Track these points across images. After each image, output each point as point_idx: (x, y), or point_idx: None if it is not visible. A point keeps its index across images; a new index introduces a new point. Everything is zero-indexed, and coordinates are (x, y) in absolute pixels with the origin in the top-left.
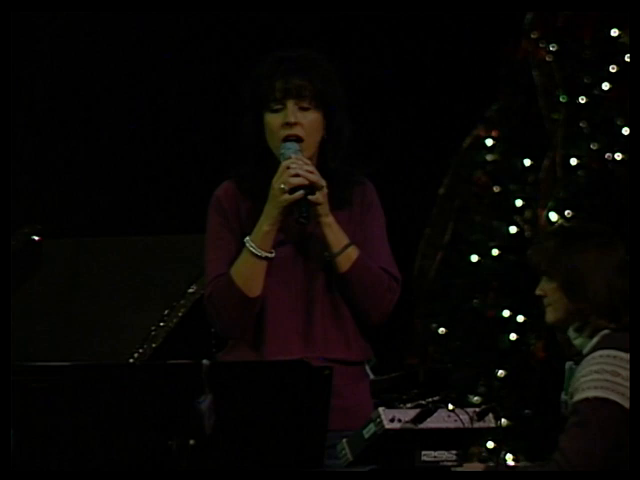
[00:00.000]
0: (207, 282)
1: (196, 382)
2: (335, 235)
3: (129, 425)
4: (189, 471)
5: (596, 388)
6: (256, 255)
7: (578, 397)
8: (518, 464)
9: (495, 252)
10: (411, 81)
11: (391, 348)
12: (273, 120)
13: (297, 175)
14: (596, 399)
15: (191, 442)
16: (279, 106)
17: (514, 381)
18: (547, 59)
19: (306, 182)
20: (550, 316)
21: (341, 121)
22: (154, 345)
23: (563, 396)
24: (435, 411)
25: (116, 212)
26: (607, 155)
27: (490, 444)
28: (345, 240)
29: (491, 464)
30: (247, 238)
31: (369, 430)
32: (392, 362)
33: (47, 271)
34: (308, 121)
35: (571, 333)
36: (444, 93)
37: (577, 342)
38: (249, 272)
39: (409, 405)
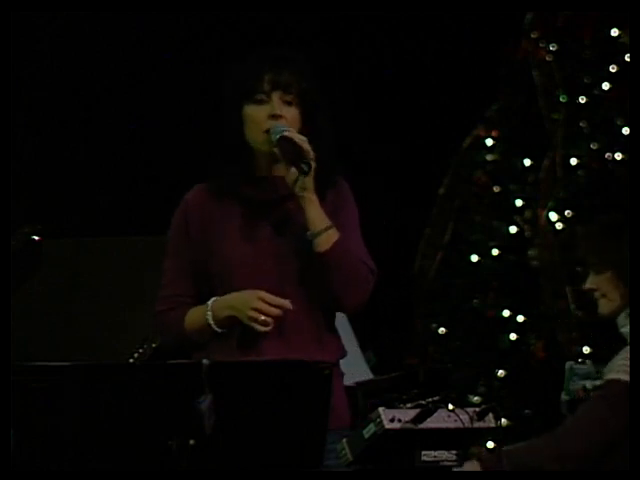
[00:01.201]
0: (160, 296)
1: (196, 382)
2: (318, 214)
3: (129, 425)
4: (189, 471)
5: (627, 373)
6: (211, 325)
7: (609, 376)
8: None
9: (495, 252)
10: (411, 81)
11: (391, 348)
12: (257, 112)
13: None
14: (627, 383)
15: (191, 442)
16: (264, 98)
17: (514, 381)
18: (547, 59)
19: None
20: (605, 308)
21: (321, 124)
22: (154, 345)
23: (563, 396)
24: (435, 411)
25: (116, 212)
26: (607, 155)
27: (490, 444)
28: (327, 221)
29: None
30: (210, 302)
31: (369, 430)
32: (392, 362)
33: (47, 271)
34: (291, 116)
35: (622, 320)
36: (444, 93)
37: (625, 330)
38: (200, 330)
39: (409, 405)
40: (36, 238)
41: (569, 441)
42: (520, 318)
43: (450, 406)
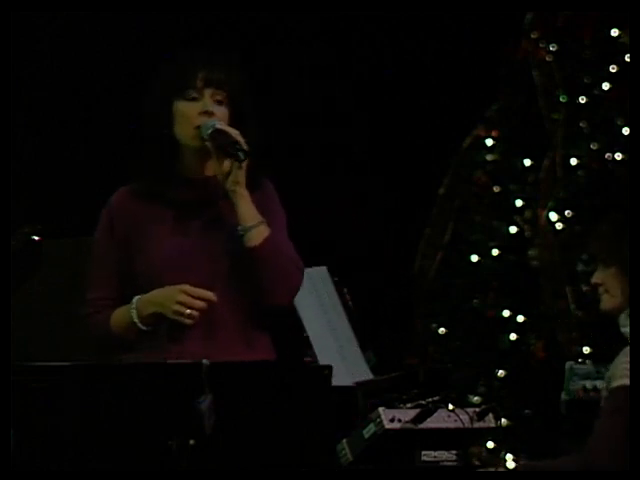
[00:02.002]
0: (86, 299)
1: (196, 382)
2: (249, 209)
3: (129, 425)
4: (189, 471)
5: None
6: (136, 324)
7: (616, 383)
8: (546, 461)
9: (495, 252)
10: (411, 81)
11: (391, 348)
12: (188, 108)
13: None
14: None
15: (191, 442)
16: (196, 95)
17: (514, 381)
18: (547, 59)
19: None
20: (607, 303)
21: (249, 125)
22: None
23: (563, 396)
24: (435, 411)
25: None
26: (607, 155)
27: (490, 444)
28: (259, 217)
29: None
30: (134, 301)
31: (369, 430)
32: (392, 362)
33: (47, 271)
34: (221, 114)
35: (623, 320)
36: (444, 93)
37: (625, 330)
38: (126, 329)
39: (409, 405)
40: (36, 238)
41: (601, 459)
42: (520, 318)
43: (450, 406)
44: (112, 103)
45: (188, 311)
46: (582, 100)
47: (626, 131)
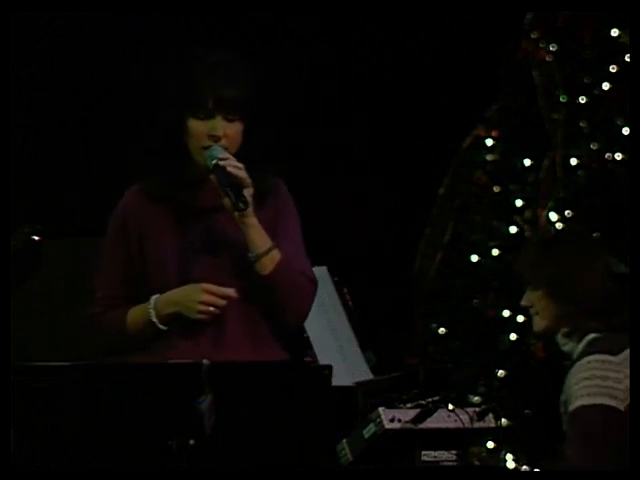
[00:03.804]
0: (95, 297)
1: (196, 382)
2: (260, 236)
3: (129, 425)
4: (189, 471)
5: (589, 395)
6: (154, 323)
7: (573, 405)
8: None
9: (495, 252)
10: (411, 81)
11: (391, 348)
12: (198, 127)
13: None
14: (592, 406)
15: (191, 442)
16: (206, 116)
17: (514, 381)
18: (547, 59)
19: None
20: (538, 325)
21: (261, 131)
22: None
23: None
24: (435, 411)
25: None
26: (607, 155)
27: (490, 444)
28: (269, 242)
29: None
30: (152, 300)
31: (369, 430)
32: (392, 362)
33: (47, 271)
34: (233, 132)
35: (560, 339)
36: (444, 93)
37: (566, 348)
38: (142, 328)
39: (409, 405)
40: (36, 238)
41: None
42: (520, 318)
43: (450, 406)
44: (112, 103)
45: (212, 309)
46: (582, 100)
47: (626, 131)
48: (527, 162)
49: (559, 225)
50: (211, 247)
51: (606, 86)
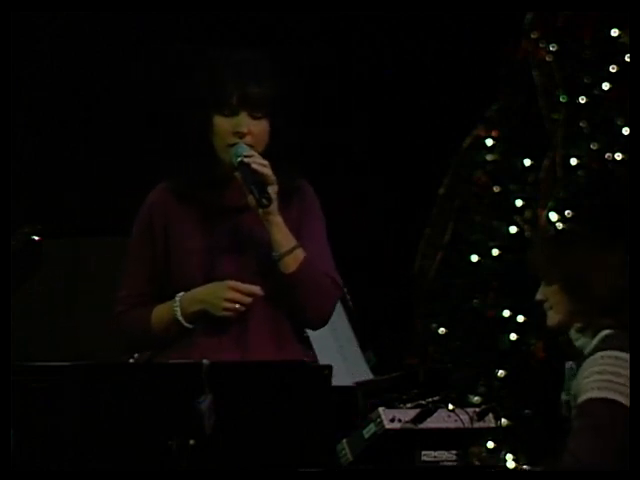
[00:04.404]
0: (120, 296)
1: (196, 382)
2: (283, 235)
3: (129, 425)
4: (189, 471)
5: (600, 389)
6: (179, 321)
7: (582, 398)
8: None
9: (495, 252)
10: (411, 81)
11: (391, 348)
12: (223, 124)
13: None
14: (601, 400)
15: (191, 442)
16: (231, 112)
17: (514, 381)
18: (547, 59)
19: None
20: (552, 320)
21: (287, 130)
22: None
23: (563, 396)
24: (435, 411)
25: (116, 212)
26: (607, 155)
27: (490, 444)
28: (293, 241)
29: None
30: (178, 298)
31: (369, 430)
32: (392, 362)
33: (47, 271)
34: (258, 130)
35: (573, 334)
36: (444, 93)
37: (579, 343)
38: (167, 326)
39: (409, 405)
40: (36, 238)
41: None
42: (520, 318)
43: (450, 406)
44: (112, 103)
45: (237, 306)
46: (582, 100)
47: (626, 131)
48: (527, 162)
49: (559, 225)
50: (237, 246)
51: (606, 86)
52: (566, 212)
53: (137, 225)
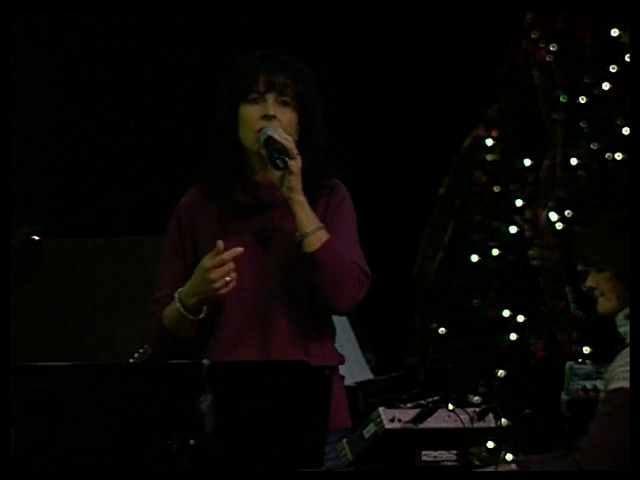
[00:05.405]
0: (153, 297)
1: (196, 382)
2: (307, 214)
3: (129, 425)
4: (189, 471)
5: None
6: (183, 315)
7: (613, 386)
8: (540, 456)
9: (495, 252)
10: (411, 81)
11: (391, 348)
12: (250, 111)
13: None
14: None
15: (191, 442)
16: (258, 98)
17: (514, 381)
18: (547, 59)
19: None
20: (603, 306)
21: (317, 127)
22: None
23: (563, 396)
24: (435, 411)
25: (116, 212)
26: (607, 155)
27: (490, 444)
28: (317, 222)
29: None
30: (178, 293)
31: (369, 430)
32: (392, 362)
33: (47, 271)
34: (287, 118)
35: (620, 320)
36: (444, 93)
37: (623, 330)
38: (177, 324)
39: (409, 405)
40: (36, 238)
41: (596, 461)
42: (520, 318)
43: (450, 406)
44: (112, 103)
45: (228, 278)
46: (582, 100)
47: (626, 131)
48: (527, 162)
49: (559, 225)
50: (263, 244)
51: (606, 86)
52: (566, 212)
53: (168, 227)
